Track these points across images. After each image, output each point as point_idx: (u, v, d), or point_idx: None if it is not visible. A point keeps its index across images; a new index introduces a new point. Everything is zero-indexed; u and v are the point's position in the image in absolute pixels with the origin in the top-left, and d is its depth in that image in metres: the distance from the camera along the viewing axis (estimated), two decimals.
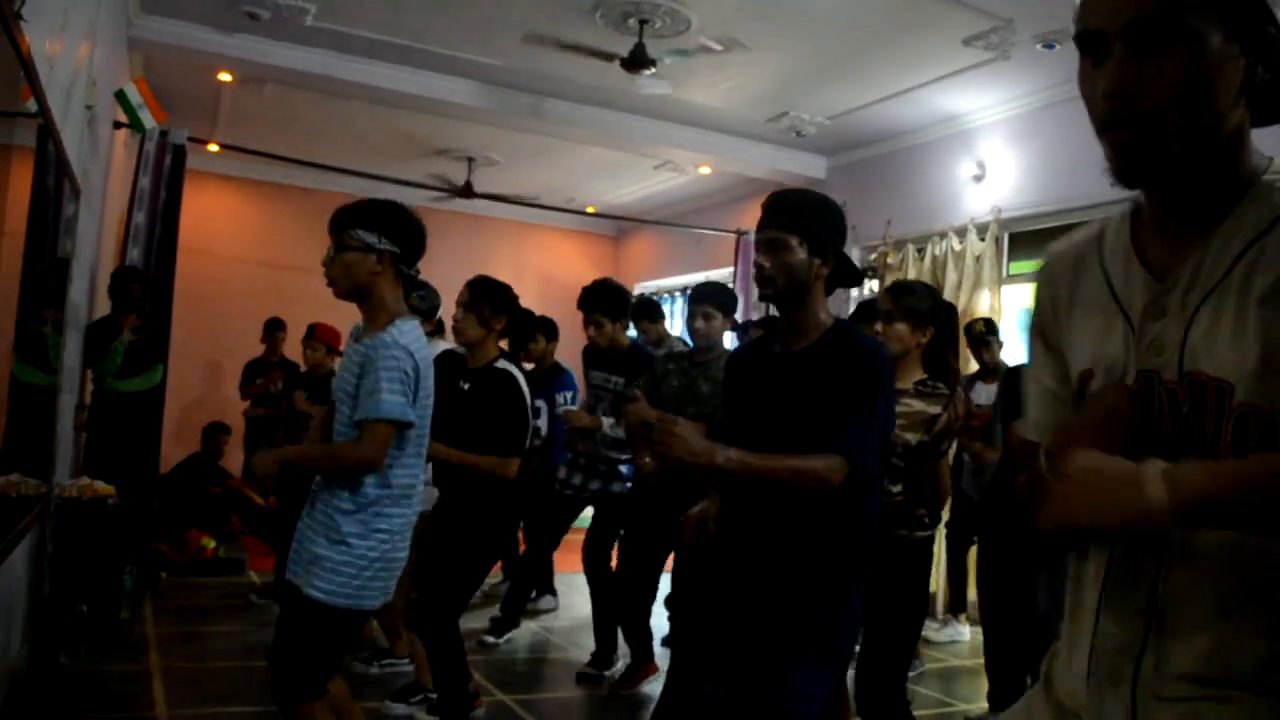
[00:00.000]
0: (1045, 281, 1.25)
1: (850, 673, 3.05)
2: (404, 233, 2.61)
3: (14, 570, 3.66)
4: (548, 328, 5.55)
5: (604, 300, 4.68)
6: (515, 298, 3.82)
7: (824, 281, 2.44)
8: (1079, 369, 1.17)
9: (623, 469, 4.78)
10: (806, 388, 2.35)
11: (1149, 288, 1.08)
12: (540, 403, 4.94)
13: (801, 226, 2.39)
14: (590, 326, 4.70)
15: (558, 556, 5.77)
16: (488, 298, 3.69)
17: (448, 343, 4.55)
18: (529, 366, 5.29)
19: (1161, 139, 1.02)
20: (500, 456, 3.56)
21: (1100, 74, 1.04)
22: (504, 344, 3.96)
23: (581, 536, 4.83)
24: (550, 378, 5.36)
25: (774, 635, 2.27)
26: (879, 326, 3.39)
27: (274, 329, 7.94)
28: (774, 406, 2.41)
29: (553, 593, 6.12)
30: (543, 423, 5.06)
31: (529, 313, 4.13)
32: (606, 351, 4.74)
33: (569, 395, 5.31)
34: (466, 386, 3.65)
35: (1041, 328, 1.25)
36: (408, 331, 2.55)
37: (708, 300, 4.23)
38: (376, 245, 2.55)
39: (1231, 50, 1.01)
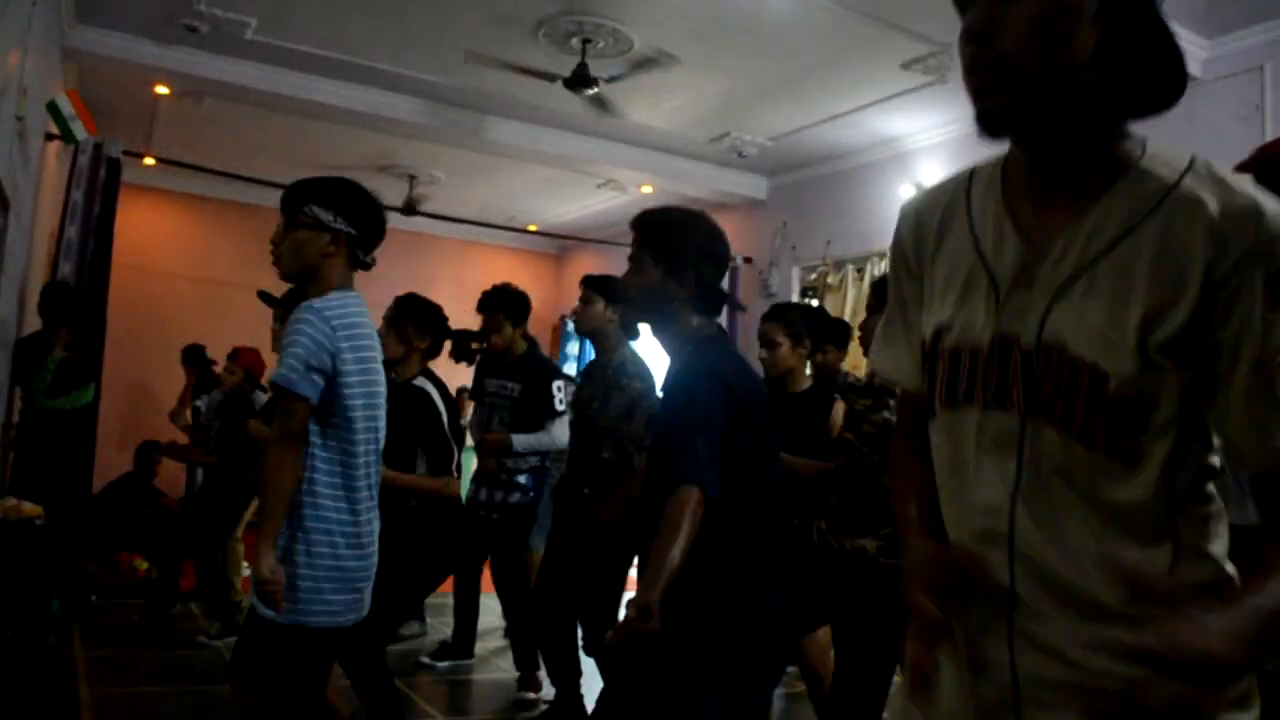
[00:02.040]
0: (911, 228, 1.27)
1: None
2: (362, 214, 2.44)
3: None
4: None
5: (506, 303, 4.55)
6: (443, 318, 3.77)
7: (687, 304, 2.28)
8: (935, 323, 1.18)
9: (520, 479, 4.57)
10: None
11: (1018, 253, 1.10)
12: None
13: (659, 247, 2.28)
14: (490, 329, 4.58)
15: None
16: (413, 316, 3.68)
17: None
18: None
19: (1014, 83, 1.04)
20: (434, 476, 3.55)
21: (965, 20, 1.08)
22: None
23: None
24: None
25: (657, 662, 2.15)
26: (761, 353, 3.66)
27: (196, 358, 7.16)
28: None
29: (421, 619, 5.79)
30: None
31: (465, 332, 4.07)
32: (502, 358, 4.59)
33: None
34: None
35: (905, 273, 1.27)
36: (335, 302, 2.31)
37: (586, 284, 4.16)
38: (331, 224, 2.38)
39: (1088, 6, 1.03)
